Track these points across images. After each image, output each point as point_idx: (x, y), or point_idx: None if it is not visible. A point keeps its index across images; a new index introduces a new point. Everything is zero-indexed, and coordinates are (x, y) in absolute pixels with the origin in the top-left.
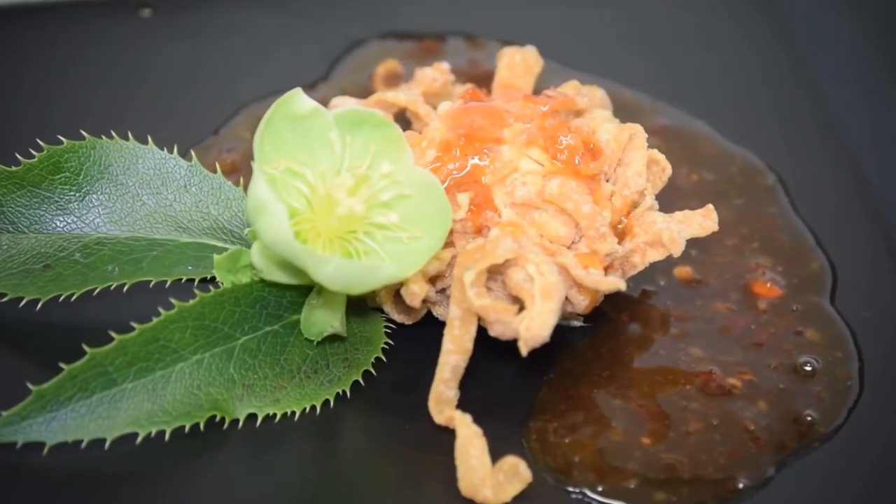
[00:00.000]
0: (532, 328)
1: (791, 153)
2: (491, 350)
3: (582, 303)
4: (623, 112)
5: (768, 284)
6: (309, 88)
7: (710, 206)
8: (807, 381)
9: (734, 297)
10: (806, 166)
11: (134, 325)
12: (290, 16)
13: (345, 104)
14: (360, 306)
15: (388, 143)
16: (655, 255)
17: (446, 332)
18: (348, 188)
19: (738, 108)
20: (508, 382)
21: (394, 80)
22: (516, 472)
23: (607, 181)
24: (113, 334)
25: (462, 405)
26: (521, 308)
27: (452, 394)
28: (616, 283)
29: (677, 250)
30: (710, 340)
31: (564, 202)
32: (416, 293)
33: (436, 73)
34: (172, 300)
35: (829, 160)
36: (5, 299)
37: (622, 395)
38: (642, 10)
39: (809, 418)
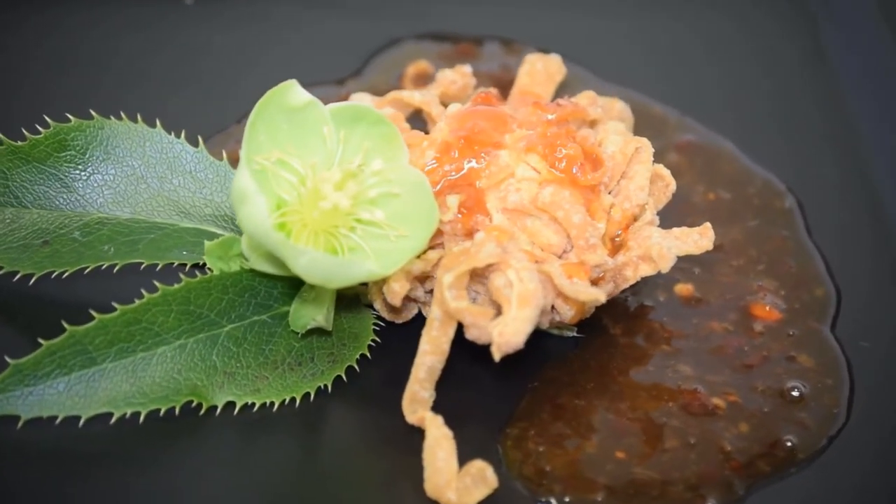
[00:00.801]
0: (505, 333)
1: (814, 178)
2: (479, 354)
3: (568, 312)
4: (649, 125)
5: (767, 307)
6: (338, 84)
7: (708, 225)
8: (792, 406)
9: (732, 318)
10: (827, 192)
11: (116, 305)
12: (330, 9)
13: (361, 101)
14: (353, 302)
15: (384, 141)
16: (647, 270)
17: (424, 332)
18: (335, 182)
19: (767, 129)
20: (492, 387)
21: (423, 81)
22: (483, 477)
23: (609, 193)
24: (94, 313)
25: (444, 407)
26: (500, 313)
27: (427, 395)
28: (595, 294)
29: (665, 266)
30: (701, 359)
31: (556, 211)
32: (396, 291)
33: (456, 76)
34: (157, 283)
35: (852, 189)
36: (1, 272)
37: (604, 407)
38: (684, 25)
39: (789, 444)
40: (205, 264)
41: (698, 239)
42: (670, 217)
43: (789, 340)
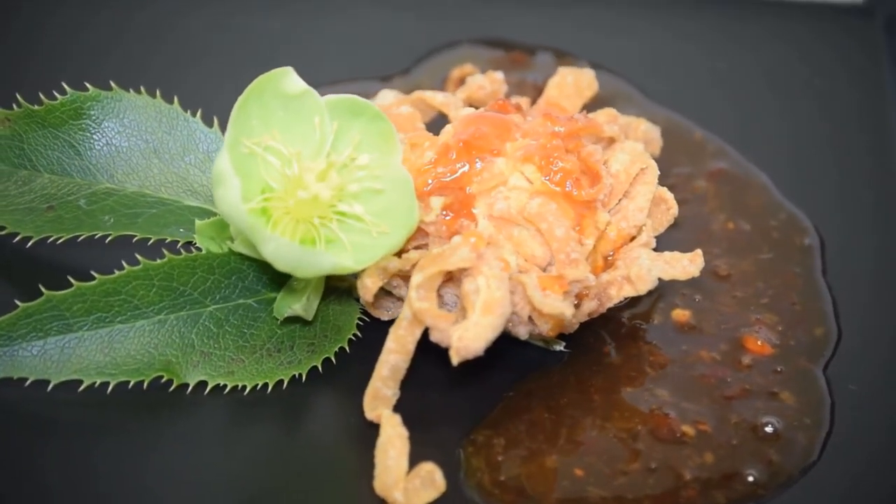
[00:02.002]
0: (465, 338)
1: (843, 221)
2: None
3: (545, 325)
4: (686, 149)
5: (760, 342)
6: (383, 80)
7: (699, 252)
8: (762, 441)
9: (722, 348)
10: (853, 236)
11: (95, 274)
12: (390, 6)
13: (385, 98)
14: (345, 295)
15: (380, 138)
16: (630, 291)
17: (392, 330)
18: (318, 173)
19: (807, 167)
20: (467, 393)
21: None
22: (431, 480)
23: (609, 211)
24: (72, 280)
25: (415, 408)
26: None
27: (391, 393)
28: (562, 308)
29: (643, 288)
30: (681, 386)
31: (540, 222)
32: (368, 287)
33: (485, 82)
34: (139, 256)
35: (880, 236)
36: (3, 233)
37: (572, 423)
38: (744, 54)
39: (751, 478)
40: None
41: (687, 265)
42: (685, 243)
43: (775, 376)
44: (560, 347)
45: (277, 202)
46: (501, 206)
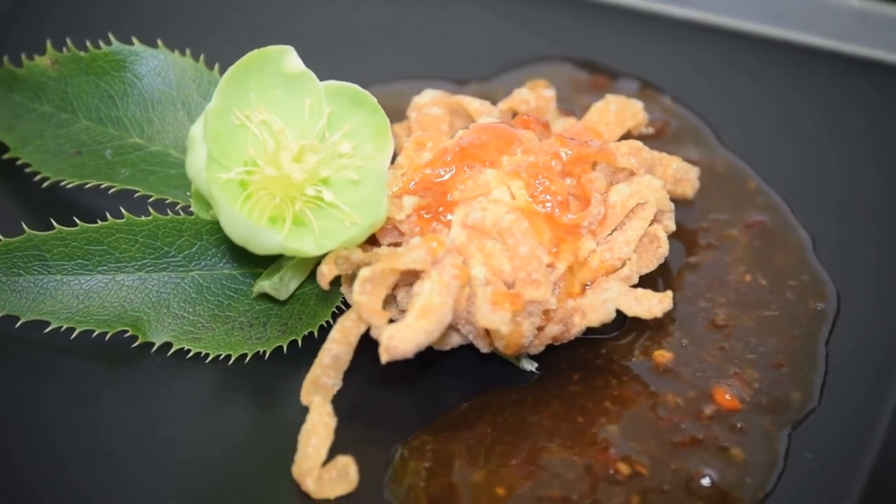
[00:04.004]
0: (395, 339)
1: (868, 293)
2: (425, 361)
3: (499, 342)
4: (733, 197)
5: (729, 396)
6: (458, 83)
7: (668, 294)
8: (692, 493)
9: (689, 395)
10: (871, 311)
11: (77, 220)
12: (495, 10)
13: (424, 97)
14: (335, 284)
15: (375, 131)
16: (592, 320)
17: (339, 320)
18: (294, 154)
19: (849, 234)
20: (424, 397)
21: None
22: (345, 474)
23: (596, 240)
24: (54, 223)
25: (368, 401)
26: None
27: (331, 382)
28: (498, 324)
29: (595, 319)
30: (634, 424)
31: (507, 237)
32: (323, 274)
33: (530, 96)
34: (123, 210)
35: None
36: (27, 169)
37: (512, 443)
38: (827, 109)
39: None
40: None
41: (654, 304)
42: (692, 285)
43: (732, 432)
44: (531, 367)
45: (255, 176)
46: (476, 217)
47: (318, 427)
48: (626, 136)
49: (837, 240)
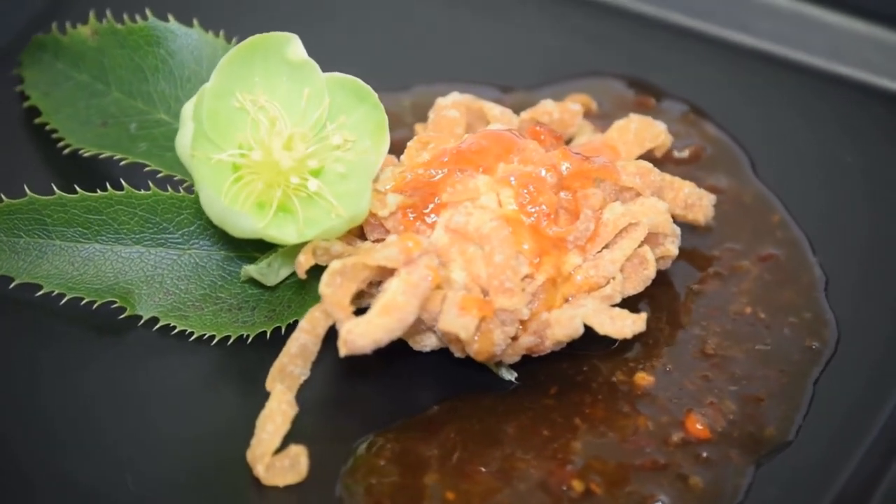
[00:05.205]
0: (353, 333)
1: (872, 343)
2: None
3: (472, 346)
4: (753, 229)
5: (700, 425)
6: (502, 90)
7: (643, 316)
8: None
9: (661, 420)
10: (869, 359)
11: (77, 188)
12: (556, 19)
13: (447, 99)
14: (313, 274)
15: (374, 126)
16: (558, 334)
17: (309, 311)
18: (284, 141)
19: (866, 280)
20: (398, 395)
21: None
22: (295, 464)
23: (585, 257)
24: (55, 188)
25: (342, 393)
26: None
27: (298, 371)
28: (457, 329)
29: (560, 333)
30: (598, 443)
31: (485, 243)
32: (300, 263)
33: (554, 109)
34: (123, 182)
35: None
36: (54, 135)
37: (473, 450)
38: (868, 149)
39: None
40: None
41: (628, 325)
42: (691, 311)
43: (696, 461)
44: (510, 377)
45: (247, 159)
46: (459, 220)
47: (276, 414)
48: (650, 156)
49: (852, 283)
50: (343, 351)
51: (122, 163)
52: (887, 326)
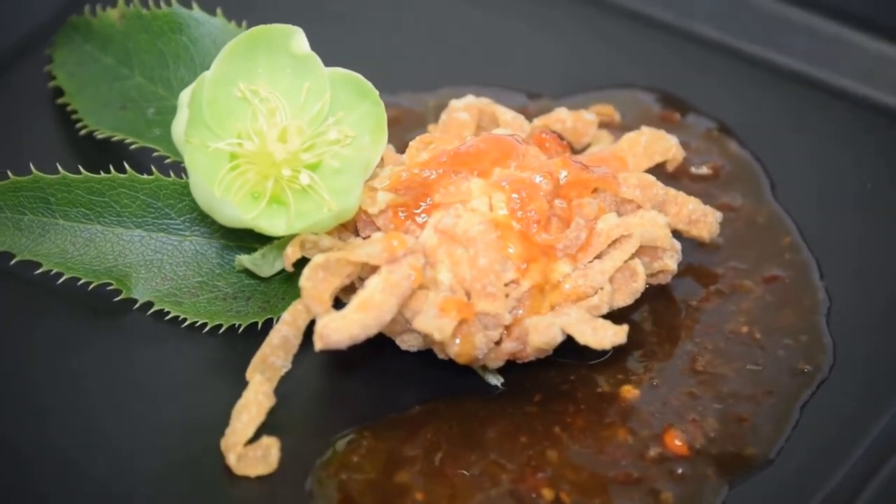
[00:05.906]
0: (329, 327)
1: (866, 371)
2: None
3: (452, 349)
4: (762, 250)
5: (679, 441)
6: (530, 97)
7: (624, 328)
8: None
9: (641, 434)
10: (861, 387)
11: (81, 169)
12: (594, 32)
13: (460, 102)
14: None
15: (374, 123)
16: (535, 341)
17: (292, 304)
18: (279, 133)
19: (869, 309)
20: (382, 392)
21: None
22: (267, 455)
23: (576, 266)
24: (60, 168)
25: (327, 387)
26: None
27: (279, 363)
28: (430, 329)
29: (538, 341)
30: (574, 454)
31: (470, 246)
32: (288, 255)
33: (567, 117)
34: (126, 165)
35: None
36: (73, 116)
37: (448, 451)
38: (888, 177)
39: None
40: None
41: (608, 336)
42: (688, 327)
43: (671, 477)
44: (496, 382)
45: (242, 149)
46: (448, 222)
47: (252, 404)
48: (663, 170)
49: (855, 309)
50: (318, 345)
51: (133, 146)
52: (883, 355)
